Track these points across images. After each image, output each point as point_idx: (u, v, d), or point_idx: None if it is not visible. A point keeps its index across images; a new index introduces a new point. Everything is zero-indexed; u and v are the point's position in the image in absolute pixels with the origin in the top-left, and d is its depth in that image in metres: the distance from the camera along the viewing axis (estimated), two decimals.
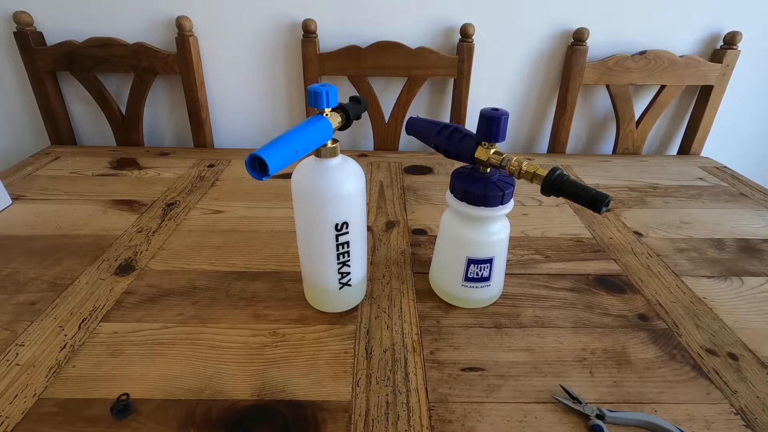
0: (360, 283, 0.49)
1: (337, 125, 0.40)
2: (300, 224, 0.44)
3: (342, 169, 0.42)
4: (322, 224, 0.42)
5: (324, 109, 0.39)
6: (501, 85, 1.01)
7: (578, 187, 0.38)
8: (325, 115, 0.39)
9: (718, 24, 0.94)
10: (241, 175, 0.83)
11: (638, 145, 1.02)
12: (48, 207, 0.70)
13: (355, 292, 0.49)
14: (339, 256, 0.44)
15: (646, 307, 0.51)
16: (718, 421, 0.38)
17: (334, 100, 0.39)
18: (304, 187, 0.41)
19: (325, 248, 0.44)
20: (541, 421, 0.38)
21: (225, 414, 0.38)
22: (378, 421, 0.37)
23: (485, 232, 0.46)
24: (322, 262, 0.45)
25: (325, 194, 0.41)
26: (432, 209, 0.73)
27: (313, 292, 0.49)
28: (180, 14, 0.89)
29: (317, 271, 0.46)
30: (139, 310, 0.49)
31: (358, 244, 0.46)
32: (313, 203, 0.42)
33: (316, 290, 0.48)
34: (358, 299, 0.51)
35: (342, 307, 0.49)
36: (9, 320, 0.47)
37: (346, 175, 0.42)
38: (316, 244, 0.44)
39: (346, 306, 0.49)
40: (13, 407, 0.38)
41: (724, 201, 0.77)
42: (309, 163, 0.42)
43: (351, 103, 0.43)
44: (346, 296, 0.49)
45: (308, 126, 0.38)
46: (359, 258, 0.47)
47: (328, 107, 0.39)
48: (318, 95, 0.38)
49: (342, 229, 0.43)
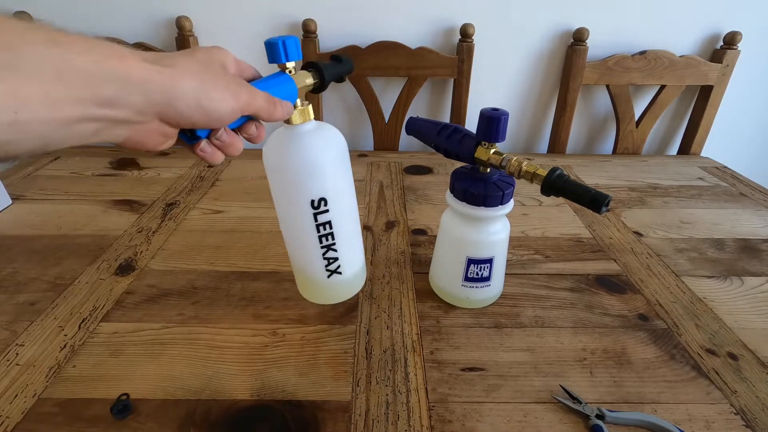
0: (354, 273, 0.44)
1: (305, 85, 0.35)
2: (276, 203, 0.40)
3: (315, 136, 0.36)
4: (296, 201, 0.37)
5: (284, 64, 0.34)
6: (501, 85, 1.01)
7: (578, 187, 0.38)
8: (288, 72, 0.34)
9: (718, 24, 0.94)
10: (241, 175, 0.83)
11: (638, 145, 1.02)
12: (48, 207, 0.70)
13: (347, 283, 0.44)
14: (321, 239, 0.39)
15: (646, 307, 0.51)
16: (718, 421, 0.38)
17: (295, 53, 0.34)
18: (272, 158, 0.37)
19: (302, 230, 0.39)
20: (541, 421, 0.38)
21: (225, 414, 0.38)
22: (378, 421, 0.37)
23: (485, 232, 0.46)
24: (303, 247, 0.41)
25: (295, 165, 0.36)
26: (432, 209, 0.73)
27: (301, 281, 0.45)
28: (180, 14, 0.89)
29: (301, 258, 0.42)
30: (139, 310, 0.49)
31: (344, 225, 0.40)
32: (284, 177, 0.37)
33: (303, 279, 0.44)
34: (353, 291, 0.46)
35: (334, 299, 0.45)
36: (9, 320, 0.47)
37: (320, 142, 0.36)
38: (293, 226, 0.40)
39: (338, 297, 0.45)
40: (13, 407, 0.38)
41: (724, 201, 0.77)
42: (279, 132, 0.37)
43: (330, 61, 0.37)
44: (336, 287, 0.44)
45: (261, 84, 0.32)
46: (347, 242, 0.41)
47: (288, 61, 0.33)
48: (273, 47, 0.33)
49: (320, 207, 0.37)
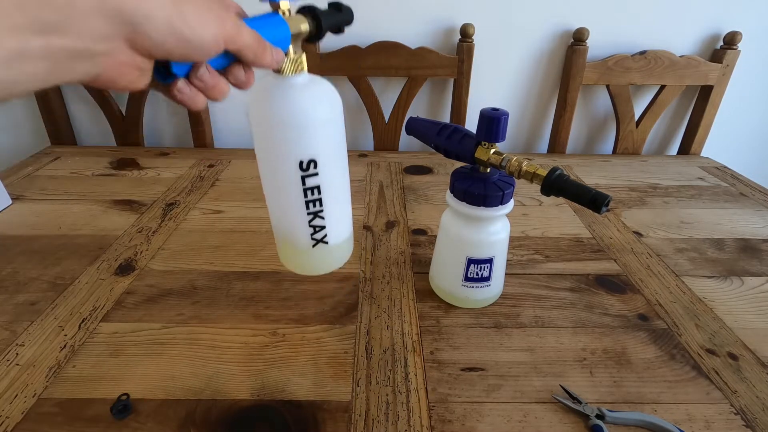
0: (341, 242, 0.41)
1: (299, 31, 0.32)
2: (260, 161, 0.36)
3: (308, 90, 0.34)
4: (282, 161, 0.34)
5: (278, 3, 0.30)
6: (501, 85, 1.01)
7: (578, 187, 0.38)
8: (282, 14, 0.31)
9: (718, 24, 0.94)
10: (241, 175, 0.83)
11: (638, 145, 1.02)
12: (48, 207, 0.70)
13: (334, 252, 0.41)
14: (309, 205, 0.36)
15: (646, 307, 0.51)
16: (718, 421, 0.38)
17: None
18: (257, 110, 0.34)
19: (289, 193, 0.36)
20: (541, 421, 0.38)
21: (225, 414, 0.38)
22: (378, 421, 0.37)
23: (485, 232, 0.46)
24: (287, 212, 0.38)
25: (283, 121, 0.33)
26: (432, 209, 0.73)
27: (283, 249, 0.41)
28: None
29: (284, 224, 0.39)
30: (139, 310, 0.49)
31: (334, 190, 0.37)
32: (270, 132, 0.34)
33: (286, 247, 0.41)
34: (340, 262, 0.42)
35: (318, 270, 0.42)
36: (9, 320, 0.47)
37: (313, 97, 0.34)
38: (277, 189, 0.37)
39: (323, 269, 0.42)
40: (13, 407, 0.38)
41: (724, 201, 0.77)
42: (267, 82, 0.34)
43: (328, 9, 0.34)
44: (321, 257, 0.40)
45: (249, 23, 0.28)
46: (336, 210, 0.39)
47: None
48: None
49: (308, 169, 0.34)
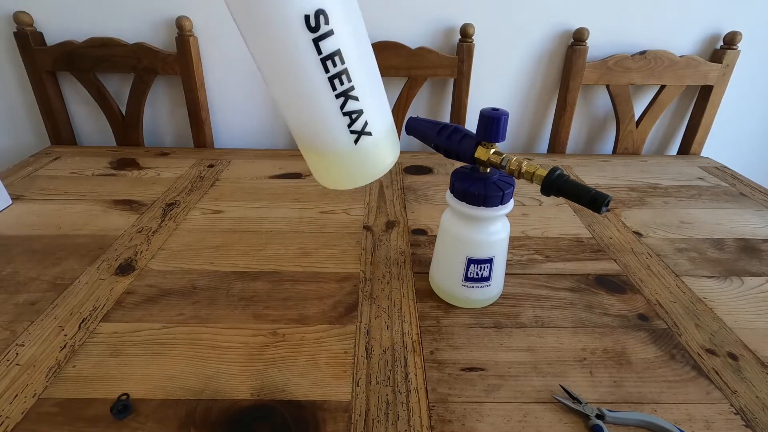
0: (386, 133, 0.31)
1: None
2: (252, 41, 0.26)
3: None
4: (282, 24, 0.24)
5: None
6: (501, 85, 1.01)
7: (578, 187, 0.38)
8: None
9: (718, 24, 0.94)
10: (241, 175, 0.83)
11: (638, 145, 1.02)
12: (48, 207, 0.70)
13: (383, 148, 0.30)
14: (334, 83, 0.26)
15: (646, 307, 0.51)
16: (718, 421, 0.38)
17: None
18: None
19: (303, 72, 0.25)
20: (541, 421, 0.38)
21: (225, 414, 0.38)
22: (378, 421, 0.37)
23: (485, 232, 0.46)
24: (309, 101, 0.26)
25: None
26: (432, 209, 0.73)
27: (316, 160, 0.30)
28: (180, 14, 0.89)
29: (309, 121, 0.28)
30: (139, 310, 0.49)
31: (360, 56, 0.27)
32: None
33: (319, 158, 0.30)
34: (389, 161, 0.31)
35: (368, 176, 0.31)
36: (9, 320, 0.47)
37: None
38: (288, 71, 0.26)
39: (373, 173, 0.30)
40: (13, 407, 0.38)
41: (724, 201, 0.77)
42: None
43: None
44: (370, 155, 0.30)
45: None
46: (368, 84, 0.28)
47: None
48: None
49: (319, 27, 0.24)
